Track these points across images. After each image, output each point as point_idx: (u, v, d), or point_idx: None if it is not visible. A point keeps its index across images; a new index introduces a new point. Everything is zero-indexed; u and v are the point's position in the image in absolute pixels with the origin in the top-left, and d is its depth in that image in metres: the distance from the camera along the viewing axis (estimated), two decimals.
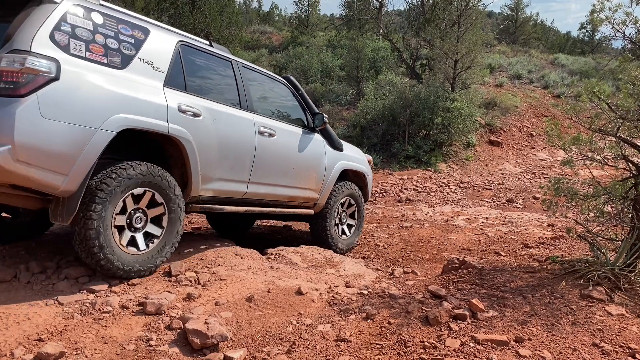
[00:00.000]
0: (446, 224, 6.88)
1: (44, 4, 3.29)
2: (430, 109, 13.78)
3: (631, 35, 4.03)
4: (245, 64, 4.82)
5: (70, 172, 3.21)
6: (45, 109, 3.08)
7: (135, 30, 3.81)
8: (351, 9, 25.54)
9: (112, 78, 3.49)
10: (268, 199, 4.85)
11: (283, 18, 41.70)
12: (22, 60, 3.04)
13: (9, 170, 2.98)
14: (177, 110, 3.81)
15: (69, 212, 3.31)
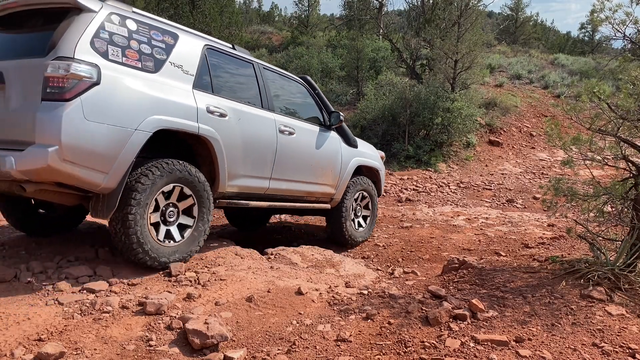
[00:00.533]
0: (446, 224, 6.88)
1: (84, 13, 3.49)
2: (430, 109, 13.78)
3: (631, 35, 4.03)
4: (265, 65, 5.04)
5: (110, 170, 3.42)
6: (88, 112, 3.30)
7: (166, 35, 4.03)
8: (351, 9, 25.54)
9: (146, 82, 3.70)
10: (288, 195, 5.05)
11: (283, 18, 41.69)
12: (66, 67, 3.23)
13: (56, 169, 3.20)
14: (205, 111, 4.03)
15: (109, 208, 3.52)
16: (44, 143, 3.18)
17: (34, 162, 3.17)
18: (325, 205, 5.55)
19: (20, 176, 3.24)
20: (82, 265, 3.73)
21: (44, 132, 3.20)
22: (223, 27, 17.47)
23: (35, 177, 3.29)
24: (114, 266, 3.82)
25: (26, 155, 3.17)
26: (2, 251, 4.20)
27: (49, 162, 3.15)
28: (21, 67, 3.46)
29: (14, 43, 3.93)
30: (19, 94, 3.40)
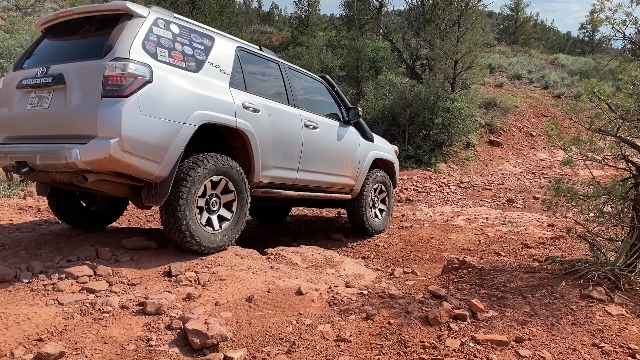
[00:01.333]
0: (446, 224, 6.88)
1: (135, 18, 3.87)
2: (430, 109, 13.78)
3: (631, 35, 4.03)
4: (289, 65, 5.43)
5: (162, 160, 3.77)
6: (143, 107, 3.65)
7: (204, 38, 4.41)
8: (351, 9, 25.53)
9: (190, 80, 4.05)
10: (313, 185, 5.42)
11: (283, 18, 41.69)
12: (123, 66, 3.60)
13: (116, 159, 3.53)
14: (242, 107, 4.39)
15: (162, 195, 3.85)
16: (106, 135, 3.52)
17: (98, 153, 3.50)
18: (346, 196, 5.92)
19: (84, 166, 3.57)
20: (82, 265, 3.73)
21: (105, 125, 3.54)
22: (223, 27, 17.46)
23: (97, 167, 3.62)
24: (114, 266, 3.82)
25: (90, 147, 3.50)
26: (2, 251, 4.20)
27: (111, 152, 3.49)
28: (80, 69, 3.81)
29: (69, 47, 4.30)
30: (79, 92, 3.73)
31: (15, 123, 4.19)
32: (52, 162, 3.72)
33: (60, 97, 3.83)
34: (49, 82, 3.87)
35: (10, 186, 8.50)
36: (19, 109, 4.12)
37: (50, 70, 3.92)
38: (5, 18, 20.91)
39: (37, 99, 3.98)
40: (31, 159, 3.82)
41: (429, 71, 17.76)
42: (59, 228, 5.25)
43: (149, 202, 3.94)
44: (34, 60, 4.36)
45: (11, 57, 15.53)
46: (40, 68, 4.00)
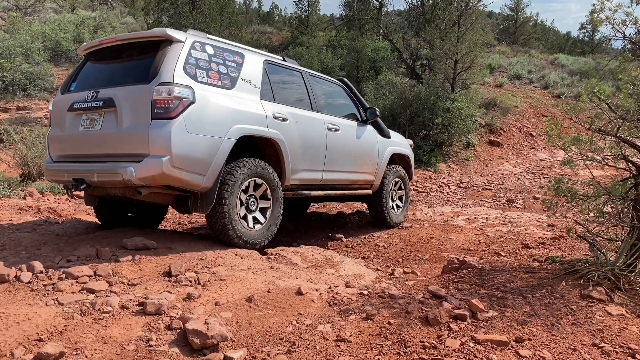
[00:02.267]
0: (446, 224, 6.88)
1: (174, 44, 4.22)
2: (430, 109, 13.78)
3: (631, 35, 4.02)
4: (310, 72, 5.80)
5: (207, 172, 4.15)
6: (189, 126, 4.02)
7: (235, 56, 4.74)
8: (351, 9, 25.49)
9: (227, 97, 4.42)
10: (337, 183, 5.80)
11: (283, 18, 41.66)
12: (169, 91, 3.96)
13: (168, 175, 3.94)
14: (272, 117, 4.76)
15: (208, 204, 4.26)
16: (158, 154, 3.91)
17: (151, 170, 3.91)
18: (367, 191, 6.29)
19: (138, 182, 3.97)
20: (82, 265, 3.73)
21: (157, 145, 3.92)
22: (223, 27, 17.44)
23: (151, 182, 4.01)
24: (114, 266, 3.82)
25: (144, 165, 3.91)
26: (2, 251, 4.20)
27: (163, 169, 3.89)
28: (129, 93, 4.15)
29: (115, 71, 4.65)
30: (130, 115, 4.09)
31: (68, 143, 4.59)
32: (109, 179, 4.12)
33: (111, 119, 4.20)
34: (99, 105, 4.24)
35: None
36: (71, 130, 4.49)
37: (100, 94, 4.27)
38: (5, 18, 20.91)
39: (89, 121, 4.36)
40: (89, 177, 4.22)
41: (429, 71, 17.75)
42: (59, 228, 5.25)
43: (196, 211, 4.32)
44: (80, 84, 4.71)
45: (11, 57, 15.54)
46: (90, 92, 4.35)
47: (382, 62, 19.25)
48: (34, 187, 8.76)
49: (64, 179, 4.53)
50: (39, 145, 10.17)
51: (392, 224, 6.60)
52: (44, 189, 8.77)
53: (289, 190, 5.05)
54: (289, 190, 5.05)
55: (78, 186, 4.32)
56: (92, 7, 27.15)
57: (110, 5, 28.42)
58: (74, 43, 19.47)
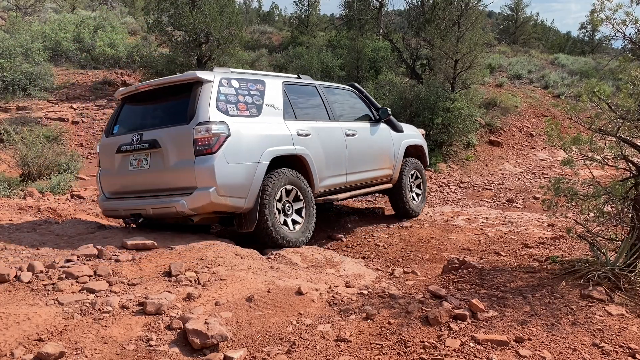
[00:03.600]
0: (446, 223, 6.87)
1: (205, 84, 4.68)
2: (430, 109, 13.77)
3: (631, 35, 4.02)
4: (324, 84, 6.23)
5: (247, 195, 4.63)
6: (228, 158, 4.51)
7: (257, 84, 5.17)
8: (351, 9, 25.47)
9: (256, 125, 4.86)
10: (359, 183, 6.19)
11: (283, 18, 41.65)
12: (207, 129, 4.45)
13: (215, 203, 4.47)
14: (296, 135, 5.21)
15: (251, 222, 4.73)
16: (205, 186, 4.43)
17: (201, 201, 4.44)
18: (387, 185, 6.70)
19: (190, 212, 4.51)
20: (82, 265, 3.73)
21: (203, 178, 4.43)
22: (223, 27, 17.41)
23: (201, 210, 4.54)
24: (114, 266, 3.82)
25: (194, 197, 4.44)
26: (2, 251, 4.20)
27: (211, 199, 4.42)
28: (171, 134, 4.63)
29: (154, 113, 5.12)
30: (175, 153, 4.59)
31: (120, 181, 5.10)
32: (164, 212, 4.65)
33: (157, 158, 4.71)
34: (146, 147, 4.74)
35: (11, 187, 8.51)
36: (122, 171, 5.02)
37: (144, 136, 4.76)
38: (5, 18, 20.90)
39: (137, 161, 4.88)
40: (145, 211, 4.74)
41: (429, 71, 17.75)
42: (59, 228, 5.25)
43: (242, 230, 4.82)
44: (122, 126, 5.22)
45: (11, 56, 15.54)
46: (134, 135, 4.84)
47: (382, 62, 19.24)
48: (34, 187, 8.76)
49: (121, 214, 5.11)
50: (39, 145, 10.17)
51: (414, 214, 7.02)
52: (44, 189, 8.78)
53: (318, 197, 5.46)
54: (318, 197, 5.46)
55: (136, 220, 4.85)
56: (92, 7, 27.14)
57: (110, 5, 28.41)
58: (74, 43, 19.47)
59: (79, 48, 19.50)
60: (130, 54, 19.66)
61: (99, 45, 19.46)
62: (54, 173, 10.01)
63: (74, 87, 17.49)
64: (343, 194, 5.88)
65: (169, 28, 17.80)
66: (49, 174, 9.87)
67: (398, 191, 6.87)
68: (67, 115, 15.14)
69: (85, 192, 8.75)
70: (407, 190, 6.95)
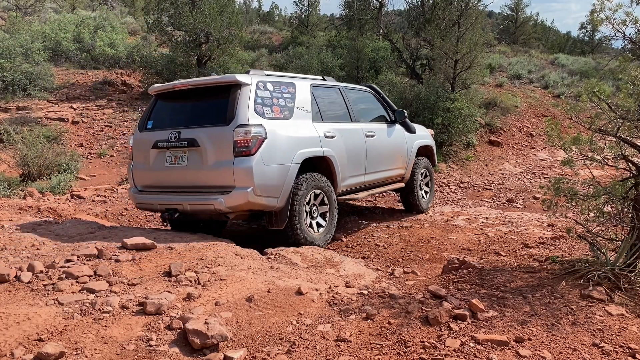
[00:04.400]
0: (446, 223, 6.87)
1: (243, 87, 4.82)
2: (430, 109, 13.77)
3: (631, 35, 4.02)
4: (346, 85, 6.46)
5: (280, 195, 4.84)
6: (265, 159, 4.70)
7: (289, 87, 5.34)
8: (351, 9, 25.46)
9: (289, 127, 5.05)
10: (375, 182, 6.46)
11: (283, 18, 41.65)
12: (247, 131, 4.63)
13: (251, 202, 4.68)
14: (324, 137, 5.42)
15: (282, 221, 4.94)
16: (243, 186, 4.63)
17: (238, 199, 4.65)
18: (400, 184, 7.01)
19: (227, 210, 4.73)
20: (82, 265, 3.73)
21: (241, 178, 4.62)
22: (223, 27, 17.42)
23: (237, 208, 4.76)
24: (114, 266, 3.82)
25: (232, 196, 4.64)
26: (2, 251, 4.20)
27: (248, 198, 4.63)
28: (211, 134, 4.78)
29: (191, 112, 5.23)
30: (213, 153, 4.74)
31: (154, 176, 5.24)
32: (201, 209, 4.83)
33: (195, 156, 4.86)
34: (184, 145, 4.88)
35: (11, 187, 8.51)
36: (157, 166, 5.15)
37: (182, 134, 4.89)
38: (5, 18, 20.91)
39: (174, 157, 5.01)
40: (182, 207, 4.89)
41: (429, 71, 17.75)
42: (59, 228, 5.25)
43: (272, 227, 5.02)
44: (157, 122, 5.32)
45: (11, 56, 15.54)
46: (172, 132, 4.96)
47: (382, 62, 19.24)
48: (34, 187, 8.76)
49: (155, 208, 5.30)
50: (39, 145, 10.17)
51: (423, 210, 7.38)
52: (44, 189, 8.78)
53: (339, 196, 5.71)
54: (339, 196, 5.71)
55: (172, 215, 4.98)
56: (92, 7, 27.14)
57: (110, 5, 28.41)
58: (74, 43, 19.46)
59: (79, 48, 19.51)
60: (130, 54, 19.67)
61: (99, 45, 19.46)
62: (54, 173, 10.01)
63: (74, 87, 17.49)
64: (361, 193, 6.16)
65: (169, 28, 17.80)
66: (49, 174, 9.87)
67: (409, 189, 7.17)
68: (67, 115, 15.14)
69: (85, 192, 8.76)
70: (417, 188, 7.26)
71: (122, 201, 8.07)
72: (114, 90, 18.14)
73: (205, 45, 17.72)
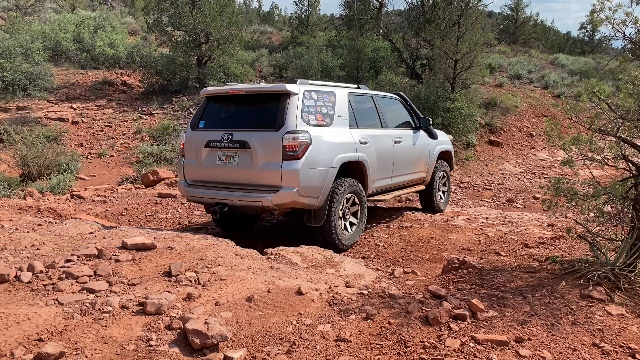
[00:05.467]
0: (446, 223, 6.87)
1: (292, 96, 5.26)
2: (430, 109, 13.77)
3: (631, 35, 4.02)
4: (377, 94, 6.89)
5: (320, 195, 5.28)
6: (309, 163, 5.14)
7: (330, 95, 5.76)
8: (351, 9, 25.47)
9: (330, 134, 5.48)
10: (400, 185, 6.93)
11: (283, 18, 41.65)
12: (294, 137, 5.08)
13: (296, 201, 5.13)
14: (359, 142, 5.82)
15: (320, 219, 5.38)
16: (289, 186, 5.07)
17: (285, 198, 5.09)
18: (421, 187, 7.45)
19: (273, 207, 5.19)
20: (83, 265, 3.73)
21: (288, 180, 5.07)
22: (223, 27, 17.42)
23: (283, 207, 5.24)
24: (114, 266, 3.82)
25: (280, 194, 5.09)
26: (2, 251, 4.20)
27: (294, 198, 5.08)
28: (261, 138, 5.22)
29: (242, 116, 5.65)
30: (263, 155, 5.19)
31: (204, 173, 5.67)
32: (250, 205, 5.30)
33: (245, 157, 5.31)
34: (236, 146, 5.33)
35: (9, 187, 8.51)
36: (208, 163, 5.57)
37: (234, 136, 5.34)
38: (5, 18, 20.91)
39: (225, 157, 5.46)
40: (232, 202, 5.35)
41: (429, 71, 17.75)
42: (58, 228, 5.25)
43: (310, 224, 5.44)
44: (209, 123, 5.74)
45: (11, 56, 15.54)
46: (224, 133, 5.41)
47: (382, 62, 19.25)
48: (34, 187, 8.76)
49: (205, 201, 5.74)
50: (39, 145, 10.17)
51: (439, 210, 7.81)
52: (44, 189, 8.78)
53: (368, 197, 6.13)
54: (368, 197, 6.13)
55: (222, 209, 5.42)
56: (92, 7, 27.13)
57: (110, 5, 28.40)
58: (74, 43, 19.46)
59: (79, 48, 19.51)
60: (130, 54, 19.67)
61: (99, 45, 19.46)
62: (54, 173, 10.02)
63: (74, 87, 17.50)
64: (388, 195, 6.61)
65: (169, 28, 17.80)
66: (49, 174, 9.87)
67: (429, 191, 7.61)
68: (67, 115, 15.15)
69: (85, 192, 8.75)
70: (436, 191, 7.71)
71: (122, 201, 8.07)
72: (114, 90, 18.15)
73: (205, 45, 17.72)
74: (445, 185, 8.18)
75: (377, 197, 6.40)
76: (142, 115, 16.01)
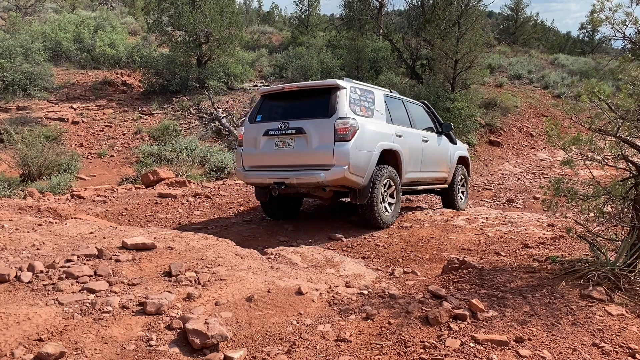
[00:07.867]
0: (446, 224, 6.87)
1: (341, 89, 6.13)
2: None
3: (631, 36, 4.02)
4: (406, 99, 7.84)
5: (365, 175, 6.11)
6: (357, 145, 5.97)
7: (370, 93, 6.69)
8: (351, 9, 25.46)
9: (372, 124, 6.35)
10: (426, 180, 7.79)
11: (283, 18, 41.67)
12: (345, 122, 5.92)
13: (346, 177, 5.90)
14: (395, 135, 6.75)
15: (364, 197, 6.21)
16: (340, 165, 5.86)
17: (337, 175, 5.87)
18: (443, 185, 8.35)
19: (326, 183, 5.94)
20: (83, 265, 3.73)
21: (340, 158, 5.86)
22: (223, 27, 17.42)
23: (334, 183, 5.98)
24: (114, 266, 3.82)
25: (332, 171, 5.88)
26: (2, 251, 4.20)
27: (344, 174, 5.87)
28: (315, 124, 6.04)
29: (298, 108, 6.42)
30: (317, 139, 6.01)
31: (262, 158, 6.45)
32: (306, 182, 6.04)
33: (301, 141, 6.12)
34: (293, 132, 6.14)
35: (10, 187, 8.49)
36: (266, 149, 6.37)
37: (291, 124, 6.16)
38: (5, 18, 20.91)
39: (282, 142, 6.26)
40: (289, 180, 6.10)
41: (429, 71, 17.76)
42: (59, 228, 5.25)
43: (355, 201, 6.28)
44: (265, 116, 6.53)
45: (11, 57, 15.53)
46: (282, 123, 6.23)
47: (382, 62, 19.25)
48: (34, 187, 8.76)
49: (264, 182, 6.41)
50: (39, 145, 10.17)
51: (459, 209, 8.52)
52: (44, 189, 8.78)
53: (402, 186, 6.93)
54: (402, 186, 6.93)
55: (280, 187, 6.15)
56: (92, 7, 27.13)
57: (110, 5, 28.40)
58: (74, 43, 19.46)
59: (79, 48, 19.51)
60: (130, 54, 19.67)
61: (99, 45, 19.46)
62: (54, 173, 10.02)
63: (74, 87, 17.50)
64: (417, 186, 7.54)
65: (169, 28, 17.81)
66: (49, 174, 9.87)
67: (450, 191, 8.50)
68: (67, 115, 15.15)
69: (85, 192, 8.75)
70: (457, 192, 8.57)
71: (122, 201, 8.07)
72: (114, 90, 18.15)
73: (205, 45, 17.72)
74: (464, 186, 8.98)
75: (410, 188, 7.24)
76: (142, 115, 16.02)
